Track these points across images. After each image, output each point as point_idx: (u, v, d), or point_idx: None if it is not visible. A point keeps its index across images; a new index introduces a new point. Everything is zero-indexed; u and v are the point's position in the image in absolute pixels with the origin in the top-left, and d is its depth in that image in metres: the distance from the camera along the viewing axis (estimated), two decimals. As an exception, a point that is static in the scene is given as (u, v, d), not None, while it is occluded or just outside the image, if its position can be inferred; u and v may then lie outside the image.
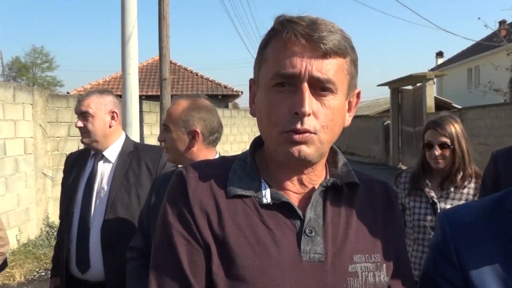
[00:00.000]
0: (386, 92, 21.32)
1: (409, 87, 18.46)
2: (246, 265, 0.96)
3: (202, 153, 2.01)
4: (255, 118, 1.08)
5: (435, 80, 17.13)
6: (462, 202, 2.67)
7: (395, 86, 19.26)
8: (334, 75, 0.98)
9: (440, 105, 18.87)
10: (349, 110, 1.08)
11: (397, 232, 1.13)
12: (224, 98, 20.45)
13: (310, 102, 0.96)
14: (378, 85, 20.64)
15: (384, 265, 1.05)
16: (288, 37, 0.97)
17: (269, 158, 1.07)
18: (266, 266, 0.97)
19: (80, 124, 2.58)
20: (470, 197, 2.71)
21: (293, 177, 1.06)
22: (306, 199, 1.05)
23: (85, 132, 2.58)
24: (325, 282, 0.98)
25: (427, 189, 2.77)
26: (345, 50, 0.99)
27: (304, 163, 1.02)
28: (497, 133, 11.72)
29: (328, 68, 0.97)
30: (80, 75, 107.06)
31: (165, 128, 2.06)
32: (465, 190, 2.74)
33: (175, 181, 1.07)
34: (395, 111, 19.39)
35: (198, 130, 1.99)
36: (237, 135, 15.79)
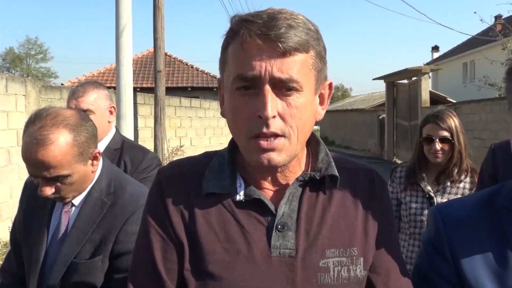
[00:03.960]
0: (381, 86, 21.35)
1: (405, 81, 18.49)
2: (214, 261, 0.98)
3: None
4: None
5: (430, 74, 17.20)
6: (459, 196, 2.67)
7: (391, 80, 19.28)
8: (297, 73, 0.94)
9: (435, 99, 18.92)
10: (321, 103, 1.06)
11: (382, 222, 1.10)
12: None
13: (273, 104, 0.93)
14: (373, 79, 20.67)
15: (362, 258, 1.03)
16: (244, 38, 0.94)
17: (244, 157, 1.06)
18: (235, 262, 0.98)
19: None
20: (467, 191, 2.72)
21: (267, 176, 1.05)
22: (281, 195, 1.05)
23: None
24: (294, 278, 0.98)
25: (423, 184, 2.77)
26: (307, 44, 0.95)
27: (276, 168, 1.02)
28: (492, 128, 11.76)
29: (290, 67, 0.93)
30: (74, 67, 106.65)
31: None
32: (461, 185, 2.75)
33: (154, 179, 1.10)
34: (390, 105, 19.43)
35: None
36: (232, 128, 15.77)
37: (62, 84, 18.95)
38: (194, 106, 13.16)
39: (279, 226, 1.01)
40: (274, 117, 0.94)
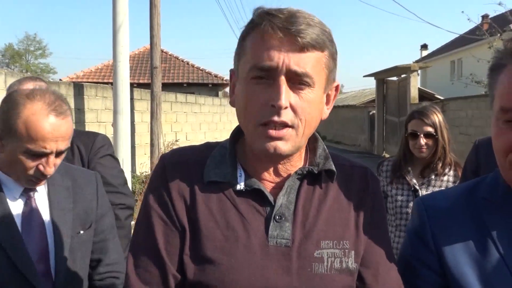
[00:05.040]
0: (372, 82, 21.41)
1: (394, 78, 18.50)
2: (214, 247, 0.99)
3: None
4: None
5: (419, 71, 17.25)
6: (443, 188, 2.69)
7: (381, 77, 19.30)
8: (311, 69, 0.97)
9: (424, 96, 18.97)
10: (327, 103, 1.08)
11: (375, 218, 1.11)
12: (215, 86, 20.36)
13: (287, 95, 0.95)
14: (364, 76, 20.77)
15: (353, 252, 1.04)
16: (265, 29, 0.96)
17: (247, 147, 1.07)
18: (233, 249, 0.98)
19: None
20: (450, 184, 2.75)
21: (268, 167, 1.06)
22: (280, 187, 1.06)
23: None
24: (290, 266, 1.00)
25: (408, 177, 2.79)
26: (323, 44, 0.98)
27: (281, 157, 1.03)
28: (478, 124, 11.82)
29: (306, 62, 0.96)
30: (73, 63, 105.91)
31: None
32: (445, 178, 2.77)
33: (157, 165, 1.09)
34: (380, 101, 19.46)
35: None
36: (226, 123, 15.77)
37: (60, 79, 18.82)
38: (189, 101, 13.13)
39: (277, 217, 1.02)
40: (286, 107, 0.95)
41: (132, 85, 8.87)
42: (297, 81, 0.97)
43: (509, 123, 0.94)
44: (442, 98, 18.21)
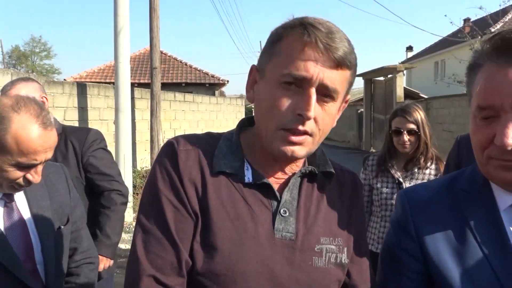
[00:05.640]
0: (360, 82, 21.38)
1: (381, 78, 18.53)
2: (224, 237, 0.97)
3: None
4: (240, 105, 1.07)
5: (404, 72, 17.26)
6: (425, 181, 2.71)
7: (368, 77, 19.32)
8: (339, 85, 0.98)
9: (409, 95, 19.02)
10: (337, 112, 1.08)
11: (360, 219, 1.16)
12: (211, 86, 20.28)
13: (315, 107, 0.95)
14: (353, 76, 20.66)
15: (346, 248, 1.07)
16: (308, 40, 0.94)
17: (257, 143, 1.05)
18: (242, 239, 0.97)
19: None
20: (432, 177, 2.77)
21: (276, 165, 1.06)
22: (284, 183, 1.06)
23: None
24: (293, 259, 1.00)
25: (393, 171, 2.81)
26: (353, 63, 0.99)
27: (293, 160, 1.03)
28: (460, 121, 11.87)
29: (337, 78, 0.96)
30: (76, 64, 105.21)
31: None
32: (427, 171, 2.79)
33: (166, 151, 1.04)
34: (368, 100, 19.49)
35: None
36: (222, 121, 15.73)
37: (64, 79, 18.69)
38: (187, 100, 13.08)
39: (282, 211, 1.02)
40: (311, 118, 0.96)
41: (133, 85, 8.82)
42: (324, 94, 0.97)
43: (485, 120, 0.94)
44: (426, 97, 18.25)
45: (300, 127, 0.96)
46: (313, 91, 0.95)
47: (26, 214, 1.52)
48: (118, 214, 2.52)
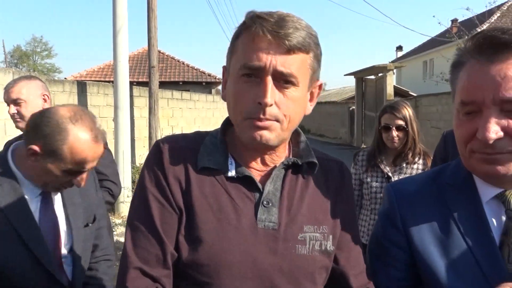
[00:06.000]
0: (351, 81, 21.43)
1: (372, 77, 18.53)
2: (207, 229, 0.98)
3: None
4: None
5: (394, 71, 17.25)
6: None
7: (360, 75, 19.33)
8: (296, 70, 0.97)
9: (399, 93, 19.09)
10: (310, 99, 1.08)
11: (348, 206, 1.15)
12: (208, 84, 20.24)
13: (272, 94, 0.95)
14: (345, 75, 20.69)
15: (331, 236, 1.06)
16: (256, 32, 0.95)
17: (236, 138, 1.07)
18: (225, 231, 0.98)
19: (14, 110, 2.36)
20: (420, 171, 2.78)
21: (256, 157, 1.06)
22: (267, 175, 1.07)
23: (20, 117, 2.37)
24: (276, 247, 1.00)
25: (382, 165, 2.82)
26: (309, 46, 0.98)
27: (266, 146, 1.02)
28: (447, 118, 11.91)
29: (291, 63, 0.96)
30: (77, 63, 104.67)
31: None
32: (415, 166, 2.80)
33: (153, 151, 1.07)
34: (359, 98, 19.50)
35: None
36: (219, 118, 15.71)
37: (65, 78, 18.60)
38: (185, 98, 13.05)
39: (265, 202, 1.02)
40: (271, 105, 0.95)
41: (131, 83, 8.79)
42: (283, 80, 0.96)
43: (468, 115, 0.94)
44: (415, 95, 18.32)
45: (261, 115, 0.96)
46: (269, 79, 0.95)
47: (60, 210, 1.61)
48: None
